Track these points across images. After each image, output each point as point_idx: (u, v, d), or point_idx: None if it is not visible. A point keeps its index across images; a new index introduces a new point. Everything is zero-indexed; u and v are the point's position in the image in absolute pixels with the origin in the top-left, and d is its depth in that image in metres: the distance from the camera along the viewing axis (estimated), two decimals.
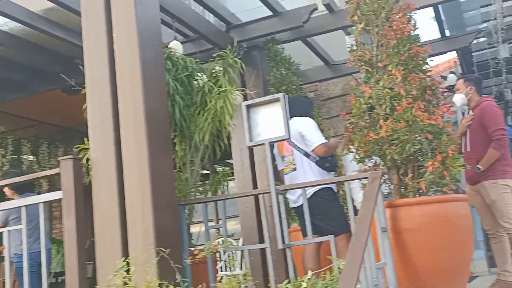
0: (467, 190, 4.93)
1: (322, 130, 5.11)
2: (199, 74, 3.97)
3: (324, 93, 7.27)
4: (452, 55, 9.52)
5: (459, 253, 3.68)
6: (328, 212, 4.19)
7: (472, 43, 7.93)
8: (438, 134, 3.83)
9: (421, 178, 3.74)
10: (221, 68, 3.97)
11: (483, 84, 5.14)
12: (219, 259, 4.34)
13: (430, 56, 7.11)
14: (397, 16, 4.10)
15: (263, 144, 3.43)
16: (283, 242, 3.31)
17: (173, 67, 3.76)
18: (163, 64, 3.58)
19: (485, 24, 7.65)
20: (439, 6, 6.62)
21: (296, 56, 6.21)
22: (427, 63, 4.12)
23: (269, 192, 3.39)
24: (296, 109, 4.33)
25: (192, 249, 3.65)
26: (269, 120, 3.49)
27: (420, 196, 3.77)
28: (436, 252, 3.51)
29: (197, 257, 3.34)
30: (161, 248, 3.06)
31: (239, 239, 5.34)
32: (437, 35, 7.19)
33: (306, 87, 6.75)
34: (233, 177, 5.29)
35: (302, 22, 5.35)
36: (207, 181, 4.39)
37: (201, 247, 3.48)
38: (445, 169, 3.74)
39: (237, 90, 3.99)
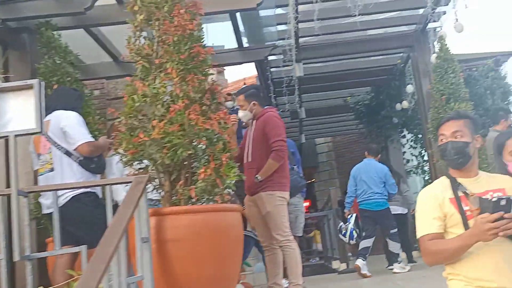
0: (246, 201, 4.86)
1: (101, 130, 4.67)
2: None
3: (112, 92, 6.76)
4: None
5: (227, 264, 3.54)
6: (88, 220, 3.74)
7: (270, 58, 8.15)
8: (214, 140, 3.65)
9: (194, 185, 3.52)
10: None
11: (276, 100, 5.20)
12: None
13: (227, 65, 7.06)
14: (181, 12, 3.85)
15: (7, 137, 2.95)
16: (22, 253, 2.87)
17: None
18: None
19: (282, 42, 7.88)
20: (239, 18, 6.62)
21: (83, 48, 5.66)
22: (209, 66, 3.94)
23: (10, 194, 2.91)
24: (61, 101, 3.88)
25: None
26: (19, 110, 3.03)
27: (192, 205, 3.54)
28: (203, 263, 3.32)
29: None
30: None
31: None
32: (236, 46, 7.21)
33: (93, 84, 6.23)
34: None
35: (84, 8, 4.84)
36: None
37: None
38: (218, 177, 3.57)
39: None
